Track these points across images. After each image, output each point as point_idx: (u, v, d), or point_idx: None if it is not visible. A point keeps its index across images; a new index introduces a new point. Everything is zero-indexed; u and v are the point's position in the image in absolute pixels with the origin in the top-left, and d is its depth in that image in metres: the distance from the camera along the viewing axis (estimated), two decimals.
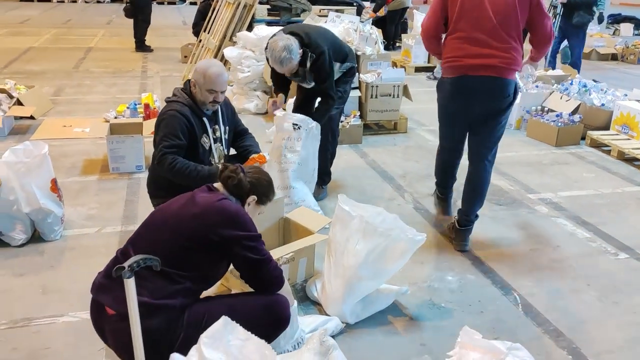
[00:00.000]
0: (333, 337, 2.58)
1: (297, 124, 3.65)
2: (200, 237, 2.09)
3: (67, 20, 14.52)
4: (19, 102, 5.61)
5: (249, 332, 1.44)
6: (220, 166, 2.41)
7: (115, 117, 5.51)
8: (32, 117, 5.61)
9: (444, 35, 3.39)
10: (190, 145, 3.08)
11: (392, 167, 4.82)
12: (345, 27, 5.69)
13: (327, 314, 2.72)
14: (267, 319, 2.25)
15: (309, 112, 3.84)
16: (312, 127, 3.70)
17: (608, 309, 2.90)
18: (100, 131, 4.50)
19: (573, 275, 3.21)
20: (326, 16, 6.30)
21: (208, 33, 7.40)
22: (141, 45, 10.13)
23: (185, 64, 8.21)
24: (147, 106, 5.43)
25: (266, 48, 3.66)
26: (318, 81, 3.74)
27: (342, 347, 2.50)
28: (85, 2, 19.55)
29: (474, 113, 3.33)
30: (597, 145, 5.45)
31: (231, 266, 2.35)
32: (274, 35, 3.66)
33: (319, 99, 3.89)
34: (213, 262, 2.19)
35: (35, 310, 2.71)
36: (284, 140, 3.71)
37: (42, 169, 3.29)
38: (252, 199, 2.34)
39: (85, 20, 14.74)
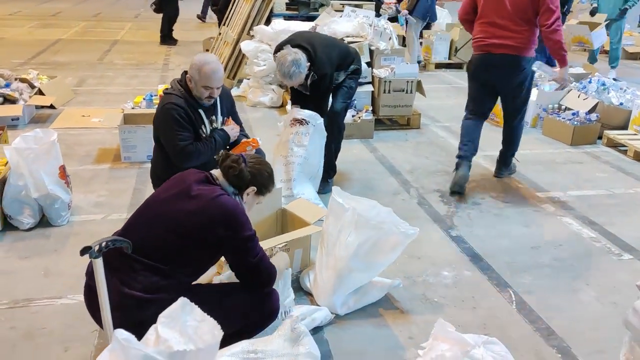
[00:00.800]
0: (322, 327, 2.62)
1: (306, 119, 3.70)
2: (195, 236, 2.07)
3: (97, 14, 14.80)
4: (40, 92, 5.77)
5: (205, 314, 1.47)
6: (222, 153, 2.36)
7: (132, 108, 5.62)
8: (52, 107, 5.77)
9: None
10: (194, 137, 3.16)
11: (401, 162, 4.82)
12: (359, 21, 5.68)
13: (318, 305, 2.75)
14: (256, 311, 2.27)
15: (303, 105, 3.90)
16: (319, 123, 3.74)
17: (605, 310, 2.86)
18: (114, 121, 4.61)
19: (573, 275, 3.17)
20: (342, 11, 6.30)
21: (227, 26, 7.47)
22: (164, 39, 10.29)
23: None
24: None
25: (275, 53, 3.73)
26: (312, 96, 3.86)
27: (330, 337, 2.56)
28: None
29: (496, 84, 4.15)
30: (614, 145, 5.34)
31: None
32: (282, 48, 3.70)
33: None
34: (207, 258, 2.20)
35: (36, 292, 2.81)
36: (292, 134, 3.76)
37: (51, 156, 3.39)
38: (251, 189, 2.31)
39: (114, 14, 15.01)
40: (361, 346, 2.52)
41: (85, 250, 1.68)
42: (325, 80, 3.76)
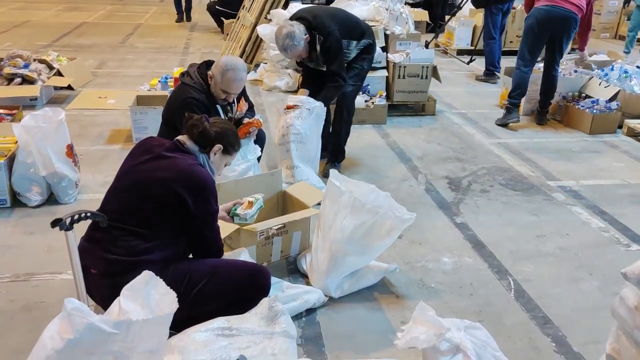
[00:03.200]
0: (315, 309, 2.63)
1: (298, 104, 3.69)
2: (166, 201, 2.13)
3: None
4: (59, 73, 5.86)
5: (169, 288, 1.49)
6: (186, 115, 2.43)
7: (148, 90, 5.67)
8: (71, 88, 5.86)
9: None
10: None
11: (412, 149, 4.77)
12: (375, 5, 5.61)
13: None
14: (247, 286, 2.30)
15: (313, 90, 3.85)
16: (315, 107, 3.71)
17: (606, 300, 2.79)
18: (126, 102, 4.65)
19: (576, 264, 3.11)
20: None
21: (247, 11, 7.46)
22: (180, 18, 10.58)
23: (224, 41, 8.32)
24: (177, 80, 5.53)
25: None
26: (327, 62, 3.74)
27: (322, 319, 2.57)
28: None
29: (553, 35, 5.05)
30: (635, 134, 5.20)
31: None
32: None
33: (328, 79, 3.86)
34: (179, 222, 2.21)
35: (38, 267, 2.87)
36: (286, 121, 3.74)
37: (59, 135, 3.45)
38: (217, 147, 2.37)
39: None
40: (352, 329, 2.52)
41: (55, 223, 1.71)
42: (333, 39, 3.66)
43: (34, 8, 11.93)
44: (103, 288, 2.09)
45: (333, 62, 3.72)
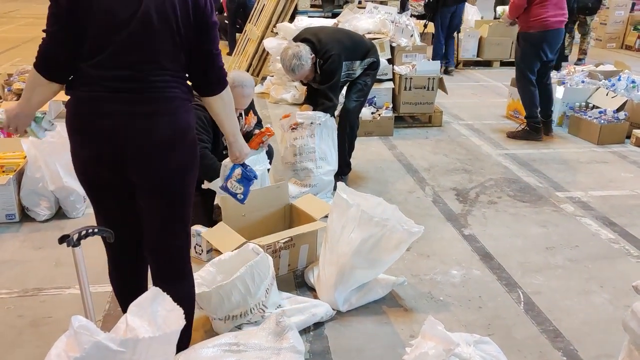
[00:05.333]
0: (323, 323, 2.61)
1: (307, 121, 3.70)
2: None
3: None
4: None
5: (175, 304, 1.48)
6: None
7: None
8: None
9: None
10: (213, 141, 3.24)
11: (419, 160, 4.76)
12: (381, 18, 5.64)
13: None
14: None
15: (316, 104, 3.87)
16: (325, 120, 3.73)
17: (617, 313, 2.76)
18: None
19: (586, 277, 3.08)
20: (364, 7, 6.26)
21: (253, 24, 7.51)
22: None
23: (231, 56, 8.36)
24: None
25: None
26: (320, 82, 3.77)
27: (329, 334, 2.55)
28: None
29: (555, 50, 5.19)
30: None
31: None
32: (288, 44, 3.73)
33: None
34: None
35: (46, 282, 2.88)
36: (295, 139, 3.74)
37: (67, 149, 3.44)
38: None
39: None
40: (360, 343, 2.50)
41: (63, 239, 1.71)
42: (333, 62, 3.66)
43: (43, 24, 12.02)
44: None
45: (324, 83, 3.74)
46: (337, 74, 3.72)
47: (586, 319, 2.71)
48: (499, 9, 4.64)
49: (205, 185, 3.15)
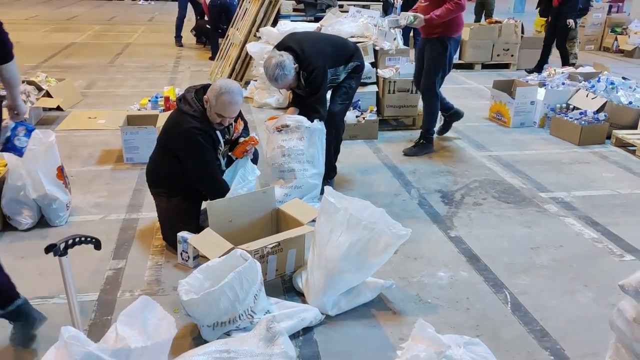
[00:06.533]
0: (312, 327, 2.60)
1: (294, 124, 3.70)
2: None
3: (111, 17, 14.97)
4: (48, 95, 5.83)
5: (166, 312, 1.46)
6: None
7: (139, 110, 5.66)
8: (60, 109, 5.83)
9: None
10: None
11: (404, 163, 4.78)
12: (364, 22, 5.66)
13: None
14: None
15: (303, 109, 3.87)
16: (313, 124, 3.72)
17: (602, 311, 2.79)
18: (116, 122, 4.64)
19: (571, 276, 3.11)
20: (347, 11, 6.28)
21: (235, 29, 7.49)
22: (175, 37, 10.55)
23: (214, 61, 8.34)
24: (167, 99, 5.55)
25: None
26: (308, 95, 3.77)
27: (319, 338, 2.54)
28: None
29: None
30: (623, 144, 5.25)
31: None
32: (271, 51, 3.72)
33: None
34: None
35: (30, 292, 2.79)
36: (283, 141, 3.73)
37: (49, 156, 3.42)
38: None
39: (128, 17, 15.17)
40: (350, 347, 2.49)
41: (49, 248, 1.69)
42: (318, 75, 3.67)
43: (22, 29, 11.92)
44: None
45: (312, 95, 3.75)
46: (323, 85, 3.74)
47: (572, 318, 2.74)
48: (410, 14, 4.50)
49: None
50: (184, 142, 3.12)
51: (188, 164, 3.16)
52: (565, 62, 8.32)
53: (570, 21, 8.08)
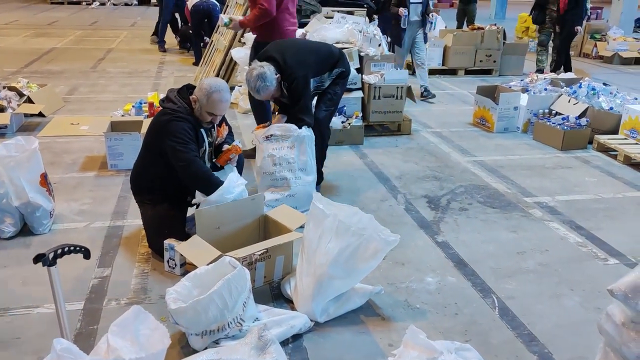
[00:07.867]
0: (301, 335, 2.59)
1: (284, 133, 3.69)
2: None
3: (93, 22, 14.82)
4: (29, 100, 5.75)
5: (158, 322, 1.45)
6: None
7: (122, 115, 5.60)
8: (42, 115, 5.76)
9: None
10: None
11: (390, 169, 4.79)
12: (349, 28, 5.68)
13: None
14: None
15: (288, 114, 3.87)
16: (301, 132, 3.72)
17: (589, 315, 2.82)
18: (100, 128, 4.59)
19: (557, 280, 3.14)
20: (332, 17, 6.30)
21: (220, 34, 7.47)
22: (159, 42, 10.47)
23: (198, 67, 8.31)
24: (151, 105, 5.50)
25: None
26: (292, 104, 3.78)
27: (308, 345, 2.53)
28: (114, 4, 19.89)
29: None
30: (605, 149, 5.32)
31: None
32: (253, 62, 3.72)
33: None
34: None
35: (13, 301, 2.77)
36: (273, 149, 3.72)
37: (32, 164, 3.37)
38: None
39: (110, 22, 15.03)
40: (340, 354, 2.49)
41: (38, 258, 1.66)
42: (299, 85, 3.68)
43: (2, 34, 11.76)
44: None
45: (296, 103, 3.76)
46: (304, 95, 3.75)
47: (559, 322, 2.76)
48: (225, 17, 4.65)
49: (198, 199, 3.12)
50: (170, 130, 3.07)
51: (174, 154, 3.07)
52: (568, 68, 8.52)
53: (579, 28, 8.50)
